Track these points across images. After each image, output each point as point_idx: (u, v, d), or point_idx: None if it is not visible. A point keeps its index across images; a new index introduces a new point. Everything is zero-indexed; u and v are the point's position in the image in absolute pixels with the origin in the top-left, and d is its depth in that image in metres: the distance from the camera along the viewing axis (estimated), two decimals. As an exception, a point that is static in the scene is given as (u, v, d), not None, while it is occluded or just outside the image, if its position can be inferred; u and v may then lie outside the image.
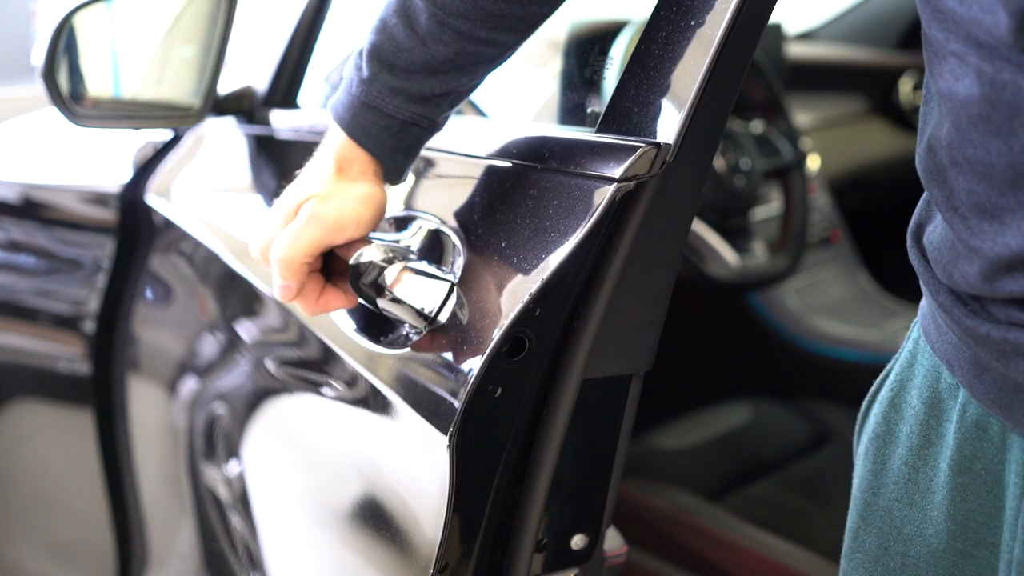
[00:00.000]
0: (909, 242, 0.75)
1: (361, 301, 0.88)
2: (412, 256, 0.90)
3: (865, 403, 0.84)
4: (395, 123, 0.85)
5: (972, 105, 0.60)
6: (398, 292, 0.85)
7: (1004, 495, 0.71)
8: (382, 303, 0.86)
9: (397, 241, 0.95)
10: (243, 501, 1.21)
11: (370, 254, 0.85)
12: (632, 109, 0.83)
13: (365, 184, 0.86)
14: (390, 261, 0.85)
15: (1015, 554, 0.70)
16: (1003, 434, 0.70)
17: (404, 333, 0.91)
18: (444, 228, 0.93)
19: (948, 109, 0.62)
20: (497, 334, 0.79)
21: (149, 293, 1.54)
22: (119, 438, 1.58)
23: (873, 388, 0.83)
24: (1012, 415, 0.67)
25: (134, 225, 1.56)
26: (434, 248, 0.93)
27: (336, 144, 0.86)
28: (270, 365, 1.18)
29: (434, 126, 0.87)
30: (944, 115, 0.63)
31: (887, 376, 0.82)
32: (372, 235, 0.88)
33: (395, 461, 0.92)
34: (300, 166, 0.89)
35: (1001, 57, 0.58)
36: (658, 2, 0.84)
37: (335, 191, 0.84)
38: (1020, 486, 0.69)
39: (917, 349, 0.78)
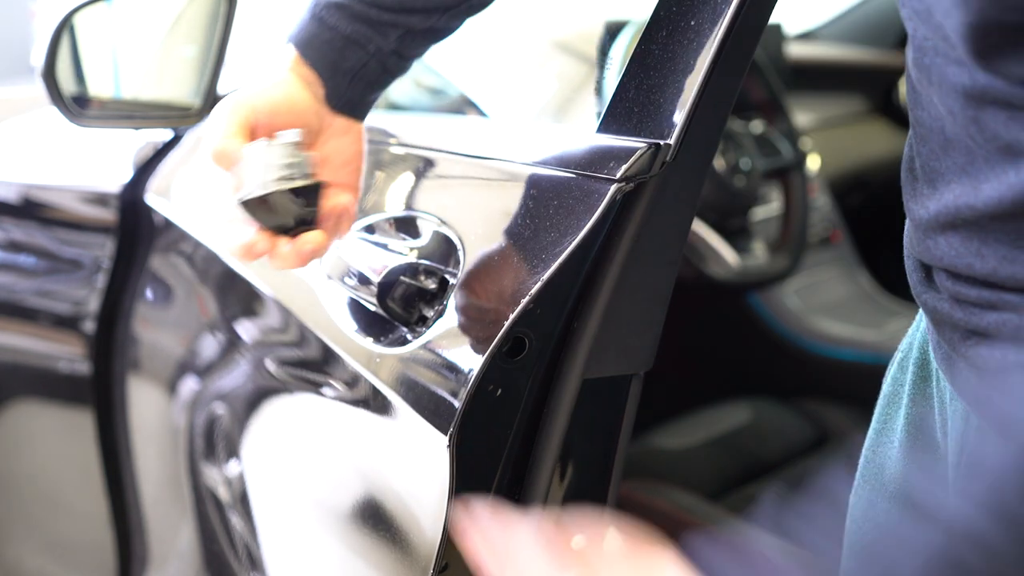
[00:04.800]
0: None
1: (359, 300, 0.88)
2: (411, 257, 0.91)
3: (888, 365, 0.84)
4: (337, 37, 0.83)
5: (913, 67, 0.63)
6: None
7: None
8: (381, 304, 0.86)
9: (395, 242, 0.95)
10: (243, 501, 1.21)
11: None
12: (632, 109, 0.83)
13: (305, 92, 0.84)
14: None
15: None
16: (953, 399, 0.71)
17: (403, 333, 0.91)
18: (444, 228, 0.93)
19: (907, 70, 0.65)
20: (497, 334, 0.79)
21: (149, 293, 1.54)
22: (119, 438, 1.58)
23: (896, 350, 0.84)
24: (955, 381, 0.68)
25: (134, 225, 1.56)
26: (434, 248, 0.93)
27: (287, 63, 0.85)
28: (270, 365, 1.18)
29: (381, 55, 0.84)
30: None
31: (904, 339, 0.83)
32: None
33: (395, 461, 0.92)
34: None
35: (924, 25, 0.60)
36: (658, 2, 0.84)
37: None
38: (956, 453, 0.70)
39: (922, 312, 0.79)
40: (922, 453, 0.76)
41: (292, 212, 0.80)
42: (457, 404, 0.81)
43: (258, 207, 0.79)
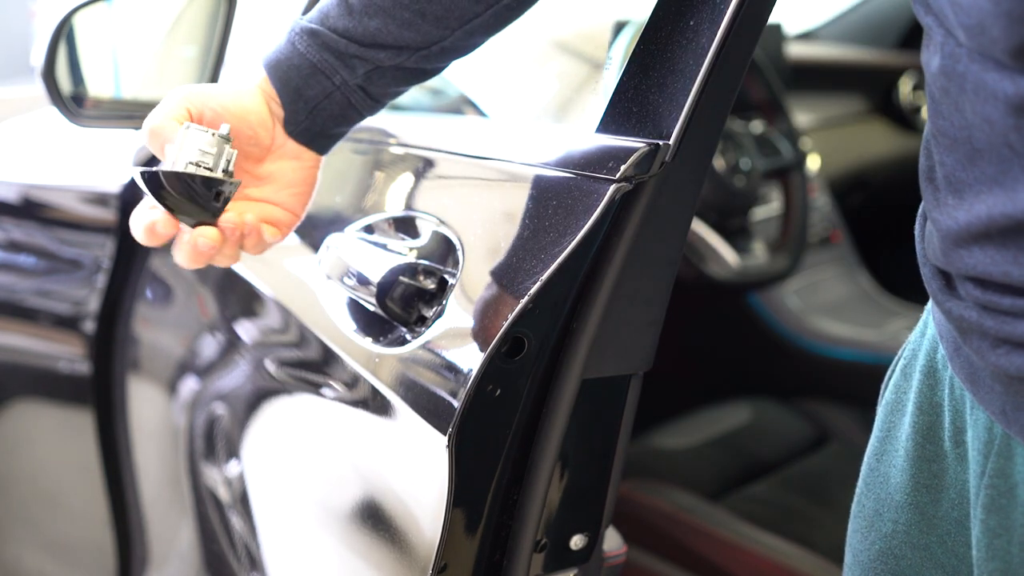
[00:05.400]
0: (918, 220, 0.75)
1: (358, 300, 0.88)
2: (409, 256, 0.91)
3: (888, 371, 0.84)
4: (305, 64, 0.82)
5: (938, 76, 0.61)
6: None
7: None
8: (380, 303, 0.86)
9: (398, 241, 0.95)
10: (243, 501, 1.21)
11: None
12: (631, 109, 0.83)
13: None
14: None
15: (975, 532, 0.70)
16: (974, 409, 0.70)
17: (403, 333, 0.91)
18: (443, 228, 0.93)
19: (927, 80, 0.64)
20: (496, 334, 0.79)
21: (149, 293, 1.54)
22: (119, 438, 1.58)
23: (896, 356, 0.84)
24: (977, 391, 0.67)
25: (134, 225, 1.56)
26: (433, 248, 0.93)
27: (256, 79, 0.85)
28: (269, 365, 1.18)
29: (347, 89, 0.83)
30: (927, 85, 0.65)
31: (906, 345, 0.82)
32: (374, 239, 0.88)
33: (394, 461, 0.92)
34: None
35: (953, 35, 0.60)
36: (658, 2, 0.84)
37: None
38: (980, 464, 0.69)
39: (928, 319, 0.79)
40: (929, 462, 0.75)
41: (195, 199, 0.77)
42: (456, 404, 0.81)
43: (160, 185, 0.77)
